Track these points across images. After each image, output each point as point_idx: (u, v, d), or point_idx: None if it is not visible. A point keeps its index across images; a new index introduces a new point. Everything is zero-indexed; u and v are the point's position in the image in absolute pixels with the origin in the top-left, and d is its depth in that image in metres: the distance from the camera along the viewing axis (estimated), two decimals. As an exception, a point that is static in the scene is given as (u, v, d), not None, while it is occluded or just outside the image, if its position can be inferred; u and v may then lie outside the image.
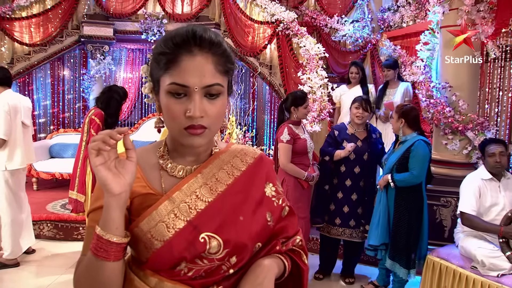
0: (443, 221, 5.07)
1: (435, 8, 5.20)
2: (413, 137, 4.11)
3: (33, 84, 9.72)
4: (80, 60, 9.89)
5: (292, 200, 4.28)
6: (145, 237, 1.13)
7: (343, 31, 7.99)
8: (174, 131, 1.16)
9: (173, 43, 1.11)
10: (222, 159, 1.28)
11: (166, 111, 1.14)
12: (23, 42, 7.82)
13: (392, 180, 4.07)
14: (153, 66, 1.18)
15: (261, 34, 7.43)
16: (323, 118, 6.02)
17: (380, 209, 4.21)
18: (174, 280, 1.15)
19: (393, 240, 4.11)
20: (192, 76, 1.10)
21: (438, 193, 5.07)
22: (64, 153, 8.09)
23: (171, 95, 1.12)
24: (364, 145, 4.52)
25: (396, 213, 4.10)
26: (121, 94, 4.85)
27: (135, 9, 8.19)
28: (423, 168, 4.04)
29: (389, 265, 4.15)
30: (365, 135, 4.58)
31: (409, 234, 4.04)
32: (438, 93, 5.20)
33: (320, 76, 6.23)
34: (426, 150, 4.03)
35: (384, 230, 4.15)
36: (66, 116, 10.08)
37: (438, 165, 5.21)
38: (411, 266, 4.05)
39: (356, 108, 4.51)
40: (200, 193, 1.20)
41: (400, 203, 4.10)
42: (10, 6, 7.71)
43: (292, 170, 4.32)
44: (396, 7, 7.69)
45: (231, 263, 1.19)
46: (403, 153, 4.09)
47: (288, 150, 4.31)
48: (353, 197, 4.52)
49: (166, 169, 1.24)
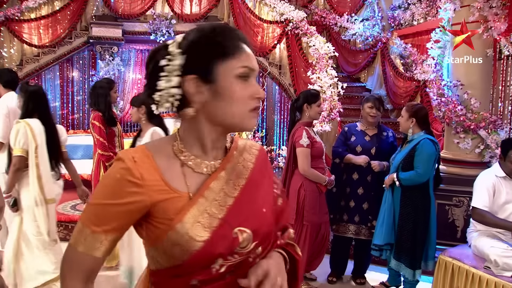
0: (456, 221, 5.00)
1: (446, 5, 5.14)
2: (419, 136, 4.06)
3: (42, 86, 9.69)
4: (89, 61, 9.92)
5: (309, 205, 4.19)
6: (183, 240, 1.12)
7: (353, 30, 7.95)
8: (236, 115, 1.18)
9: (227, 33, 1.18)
10: (236, 154, 1.30)
11: (232, 95, 1.16)
12: (32, 44, 7.86)
13: (397, 179, 4.03)
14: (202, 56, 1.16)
15: (270, 33, 7.41)
16: (333, 118, 5.96)
17: (385, 208, 4.16)
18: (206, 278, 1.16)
19: (398, 240, 4.07)
20: (252, 61, 1.19)
21: (450, 193, 5.01)
22: (74, 154, 8.09)
23: (241, 79, 1.16)
24: (372, 141, 4.46)
25: (402, 212, 4.06)
26: (105, 85, 4.77)
27: (144, 9, 8.20)
28: (428, 166, 3.98)
29: (394, 266, 4.11)
30: (375, 132, 4.52)
31: (415, 235, 3.99)
32: (449, 91, 5.14)
33: (330, 76, 6.18)
34: (432, 149, 3.98)
35: (388, 230, 4.10)
36: (75, 117, 10.11)
37: (450, 164, 5.14)
38: (417, 266, 4.00)
39: (370, 107, 4.45)
40: (227, 189, 1.21)
41: (406, 202, 4.05)
42: (19, 8, 7.74)
43: (314, 175, 4.21)
44: (407, 5, 7.65)
45: (257, 254, 1.22)
46: (409, 152, 4.04)
47: (308, 154, 4.17)
48: (359, 191, 4.45)
49: (189, 166, 1.21)
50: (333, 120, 6.02)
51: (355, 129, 4.55)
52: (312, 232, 4.20)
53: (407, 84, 6.95)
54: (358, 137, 4.48)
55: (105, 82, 4.85)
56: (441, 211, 4.99)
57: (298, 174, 4.26)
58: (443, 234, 4.95)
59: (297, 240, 4.25)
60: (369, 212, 4.46)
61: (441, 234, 4.95)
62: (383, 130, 4.60)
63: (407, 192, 4.04)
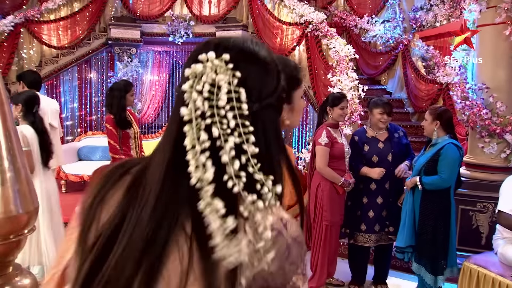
0: (480, 227, 4.89)
1: (471, 7, 5.03)
2: (444, 140, 4.00)
3: (61, 87, 9.78)
4: (107, 62, 9.93)
5: (326, 204, 4.19)
6: None
7: (374, 32, 7.86)
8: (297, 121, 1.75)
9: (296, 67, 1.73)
10: None
11: (300, 109, 1.74)
12: (51, 45, 7.90)
13: (420, 183, 3.98)
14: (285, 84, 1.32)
15: (289, 35, 7.35)
16: (354, 121, 5.87)
17: (406, 210, 4.14)
18: None
19: (418, 243, 4.04)
20: None
21: (474, 198, 4.90)
22: (93, 156, 8.12)
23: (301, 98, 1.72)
24: (386, 146, 4.39)
25: (422, 215, 4.01)
26: (121, 88, 4.75)
27: (162, 11, 8.19)
28: (453, 172, 3.93)
29: (415, 269, 4.07)
30: (387, 135, 4.44)
31: (435, 239, 3.94)
32: (474, 94, 5.04)
33: (351, 78, 6.09)
34: (457, 153, 3.92)
35: (409, 232, 4.06)
36: (93, 118, 10.14)
37: (474, 169, 5.04)
38: (439, 272, 3.94)
39: (380, 113, 4.35)
40: None
41: (426, 206, 4.00)
42: (39, 9, 7.79)
43: (329, 174, 4.20)
44: (429, 6, 7.55)
45: None
46: (432, 156, 3.98)
47: (325, 153, 4.19)
48: (379, 201, 4.39)
49: None
50: (354, 123, 5.93)
51: (365, 136, 4.44)
52: (331, 233, 4.22)
53: (429, 87, 6.83)
54: (372, 145, 4.38)
55: (122, 84, 4.82)
56: (464, 217, 4.89)
57: (317, 174, 4.29)
58: (467, 241, 4.85)
59: (316, 240, 4.26)
60: (387, 218, 4.39)
61: (465, 240, 4.85)
62: (394, 131, 4.51)
63: (428, 195, 4.00)
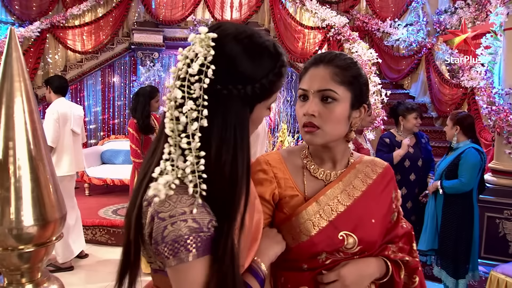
0: (507, 235, 4.79)
1: (498, 9, 4.94)
2: (465, 145, 4.03)
3: (84, 91, 9.90)
4: (130, 67, 10.00)
5: None
6: (295, 231, 1.34)
7: (396, 35, 7.79)
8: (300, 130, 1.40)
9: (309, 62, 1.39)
10: (357, 169, 1.46)
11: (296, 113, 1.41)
12: (76, 50, 8.00)
13: (441, 187, 4.03)
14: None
15: (311, 39, 7.33)
16: (377, 126, 5.82)
17: (429, 213, 4.18)
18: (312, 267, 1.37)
19: (440, 247, 4.06)
20: (312, 82, 1.34)
21: (501, 205, 4.80)
22: (115, 159, 8.18)
23: (300, 99, 1.38)
24: (416, 151, 4.42)
25: (444, 219, 4.05)
26: (146, 94, 4.77)
27: (184, 16, 8.24)
28: (473, 176, 3.93)
29: (436, 272, 4.10)
30: (415, 141, 4.49)
31: (458, 242, 3.95)
32: (501, 99, 4.94)
33: (374, 83, 6.03)
34: (478, 158, 3.92)
35: (431, 236, 4.10)
36: (116, 122, 10.22)
37: (501, 175, 4.94)
38: (460, 276, 3.93)
39: (415, 118, 4.41)
40: (341, 197, 1.38)
41: (448, 210, 4.04)
42: (64, 15, 7.89)
43: None
44: (454, 9, 7.44)
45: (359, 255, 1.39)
46: (453, 160, 4.02)
47: None
48: (408, 205, 4.38)
49: (309, 169, 1.44)
50: (377, 128, 5.87)
51: (395, 140, 4.46)
52: None
53: (453, 91, 6.74)
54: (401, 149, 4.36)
55: (148, 90, 4.83)
56: (491, 225, 4.80)
57: None
58: (494, 249, 4.76)
59: None
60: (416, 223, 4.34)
61: (492, 248, 4.76)
62: (420, 136, 4.57)
63: (450, 199, 4.03)
